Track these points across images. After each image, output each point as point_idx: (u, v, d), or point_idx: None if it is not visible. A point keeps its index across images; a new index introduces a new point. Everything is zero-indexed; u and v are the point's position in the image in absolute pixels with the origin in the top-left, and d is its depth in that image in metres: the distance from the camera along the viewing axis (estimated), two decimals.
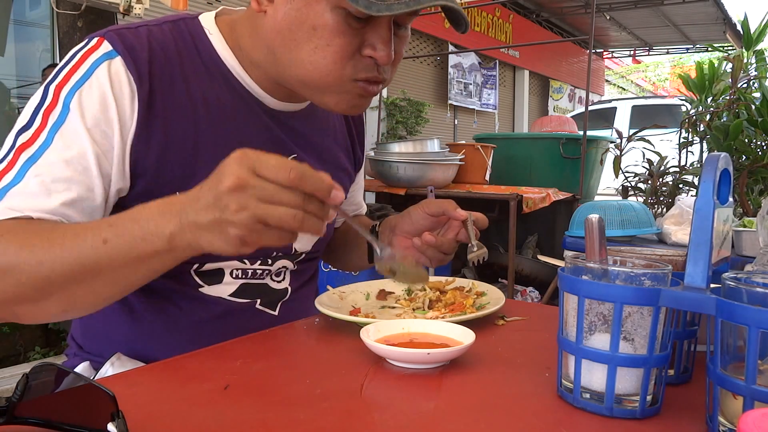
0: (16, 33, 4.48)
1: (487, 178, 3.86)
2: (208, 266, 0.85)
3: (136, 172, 0.77)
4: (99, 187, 0.73)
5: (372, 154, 3.66)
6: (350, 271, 1.12)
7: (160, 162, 0.78)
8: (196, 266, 0.84)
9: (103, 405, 0.46)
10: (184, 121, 0.79)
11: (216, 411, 0.55)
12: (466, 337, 0.70)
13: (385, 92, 6.77)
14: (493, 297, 0.93)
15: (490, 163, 3.83)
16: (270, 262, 0.90)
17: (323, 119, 0.98)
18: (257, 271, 0.89)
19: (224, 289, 0.87)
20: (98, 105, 0.73)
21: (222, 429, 0.51)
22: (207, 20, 0.84)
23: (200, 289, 0.85)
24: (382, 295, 0.97)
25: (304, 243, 0.95)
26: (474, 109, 10.17)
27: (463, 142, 4.79)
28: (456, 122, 9.85)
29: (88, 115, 0.72)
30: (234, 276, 0.87)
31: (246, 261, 0.88)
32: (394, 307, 0.92)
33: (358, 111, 0.83)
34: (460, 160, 3.66)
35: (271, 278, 0.92)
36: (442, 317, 0.83)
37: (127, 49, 0.75)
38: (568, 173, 3.91)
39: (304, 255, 0.96)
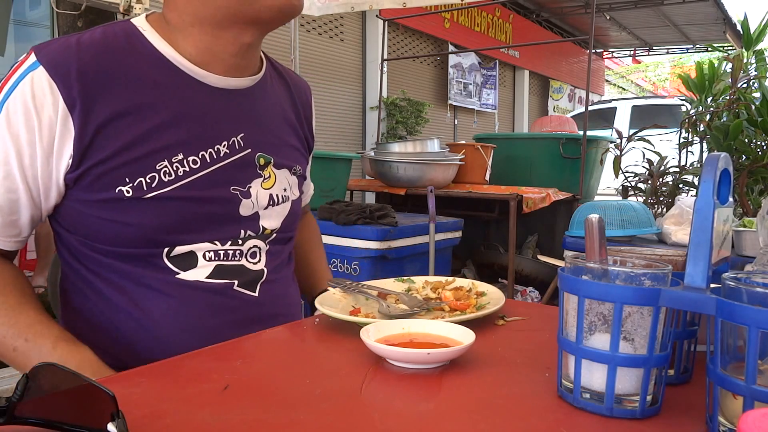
0: (16, 33, 4.48)
1: (487, 178, 3.86)
2: (179, 249, 0.87)
3: (89, 155, 0.82)
4: (22, 187, 0.82)
5: (372, 154, 3.66)
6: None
7: (105, 146, 0.83)
8: (167, 250, 0.87)
9: (103, 405, 0.46)
10: (124, 106, 0.84)
11: (216, 411, 0.55)
12: (466, 337, 0.70)
13: (385, 92, 6.77)
14: (493, 297, 0.93)
15: (490, 163, 3.83)
16: (240, 242, 0.93)
17: (271, 98, 1.02)
18: (229, 252, 0.92)
19: (200, 272, 0.89)
20: (22, 114, 0.80)
21: (222, 429, 0.51)
22: (138, 21, 0.91)
23: (177, 276, 0.87)
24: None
25: (272, 221, 0.97)
26: (474, 109, 10.17)
27: (463, 142, 4.78)
28: (456, 122, 9.86)
29: (13, 123, 0.80)
30: (207, 258, 0.90)
31: (216, 242, 0.90)
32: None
33: (297, 7, 0.87)
34: (460, 160, 3.66)
35: (246, 259, 0.94)
36: (442, 317, 0.83)
37: (51, 58, 0.81)
38: (568, 173, 3.91)
39: (275, 235, 0.98)
